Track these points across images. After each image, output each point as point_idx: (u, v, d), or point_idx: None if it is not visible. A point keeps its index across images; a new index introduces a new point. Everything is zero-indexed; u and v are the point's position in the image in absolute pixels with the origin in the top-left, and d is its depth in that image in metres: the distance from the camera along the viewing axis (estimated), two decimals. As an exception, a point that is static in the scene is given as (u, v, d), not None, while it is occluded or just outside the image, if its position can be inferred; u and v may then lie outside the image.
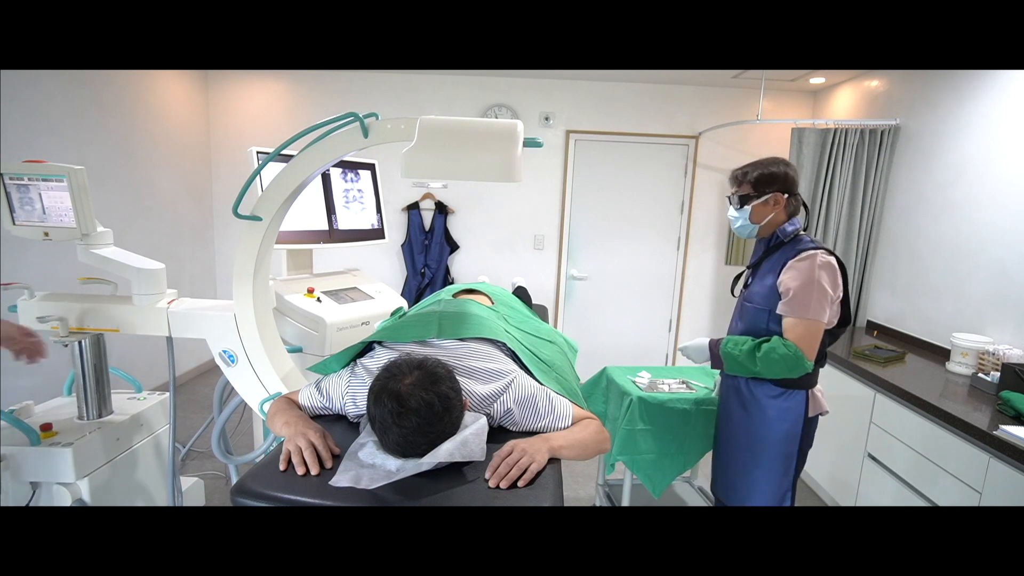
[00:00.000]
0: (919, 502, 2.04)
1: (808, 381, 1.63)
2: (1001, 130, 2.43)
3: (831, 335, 1.65)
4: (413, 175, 1.24)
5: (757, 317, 1.64)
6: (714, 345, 1.69)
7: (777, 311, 1.58)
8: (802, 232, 1.65)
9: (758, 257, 1.72)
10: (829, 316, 1.55)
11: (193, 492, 2.32)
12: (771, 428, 1.65)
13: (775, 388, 1.64)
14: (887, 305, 3.14)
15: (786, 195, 1.62)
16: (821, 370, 1.68)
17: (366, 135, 1.33)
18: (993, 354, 2.22)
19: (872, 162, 3.15)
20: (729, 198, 1.71)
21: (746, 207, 1.65)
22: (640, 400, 2.02)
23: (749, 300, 1.68)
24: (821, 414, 1.68)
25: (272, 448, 1.59)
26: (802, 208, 1.69)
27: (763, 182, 1.62)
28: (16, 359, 1.47)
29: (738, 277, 1.82)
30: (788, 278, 1.55)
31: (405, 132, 1.29)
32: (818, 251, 1.55)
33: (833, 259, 1.56)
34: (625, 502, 2.24)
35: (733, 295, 1.83)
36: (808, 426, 1.67)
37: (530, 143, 1.37)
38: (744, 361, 1.59)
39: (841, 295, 1.59)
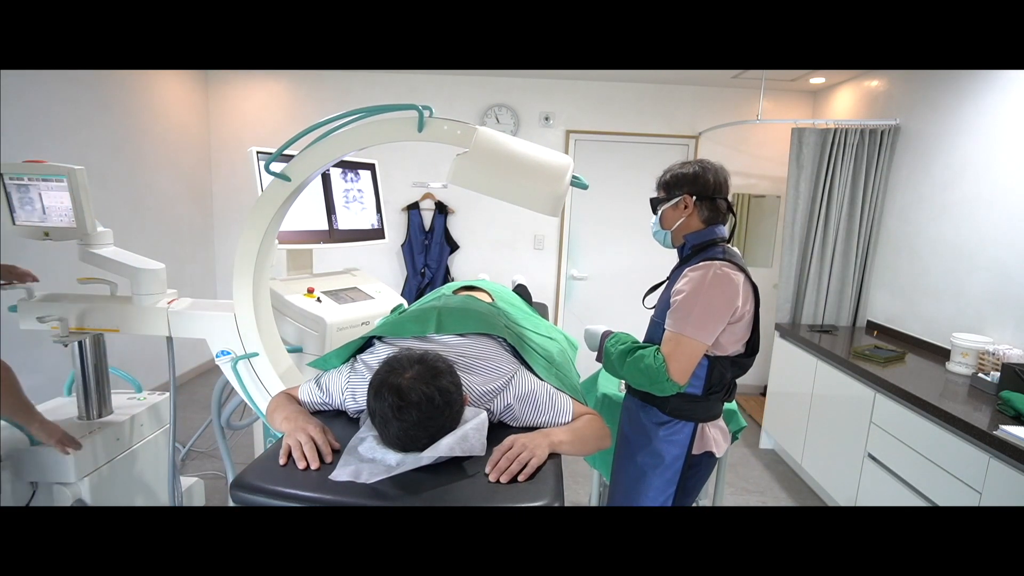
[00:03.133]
0: (919, 502, 2.04)
1: (698, 413, 1.47)
2: (1001, 130, 2.43)
3: (736, 364, 1.45)
4: (459, 182, 1.22)
5: (655, 331, 1.49)
6: (604, 337, 1.53)
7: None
8: (722, 242, 1.46)
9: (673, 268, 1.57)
10: (722, 337, 1.39)
11: (193, 492, 2.32)
12: (651, 457, 1.51)
13: (662, 415, 1.49)
14: (887, 305, 3.14)
15: (695, 197, 1.46)
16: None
17: (421, 130, 1.30)
18: (993, 354, 2.22)
19: (872, 162, 3.15)
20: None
21: (658, 212, 1.52)
22: (604, 398, 2.02)
23: (655, 312, 1.54)
24: (708, 453, 1.51)
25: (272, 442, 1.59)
26: (729, 215, 1.50)
27: (672, 184, 1.49)
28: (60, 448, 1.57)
29: (653, 288, 1.65)
30: (677, 288, 1.39)
31: (460, 137, 1.28)
32: (717, 263, 1.37)
33: (737, 274, 1.37)
34: (594, 501, 2.24)
35: (645, 306, 1.63)
36: (692, 464, 1.50)
37: (576, 183, 1.36)
38: (615, 361, 1.46)
39: (745, 317, 1.41)
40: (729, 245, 1.49)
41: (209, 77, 4.15)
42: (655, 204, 1.55)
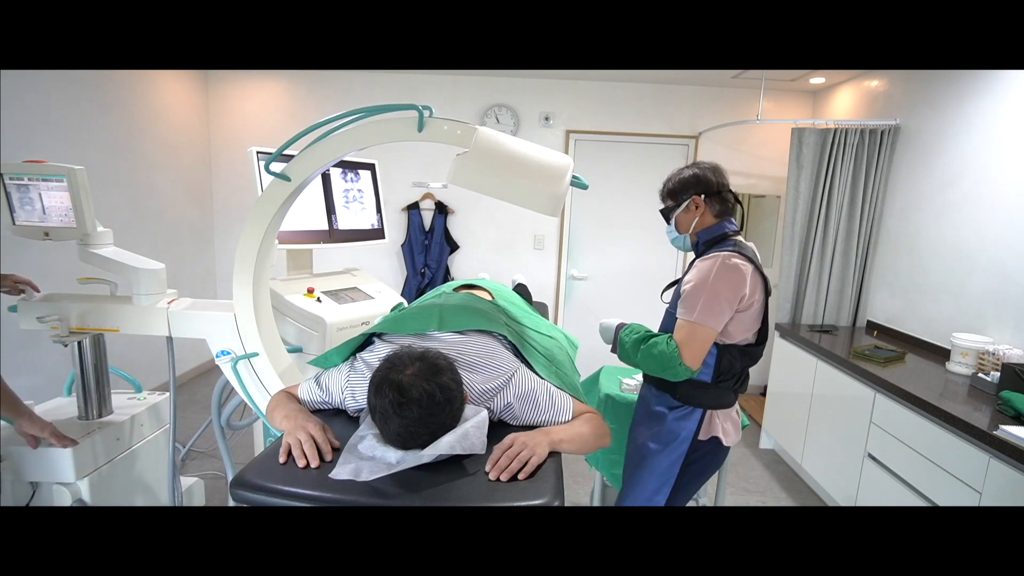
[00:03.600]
0: (919, 502, 2.04)
1: (707, 400, 1.53)
2: (1001, 130, 2.43)
3: (745, 353, 1.51)
4: (459, 182, 1.22)
5: (669, 321, 1.57)
6: (619, 328, 1.60)
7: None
8: (733, 235, 1.54)
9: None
10: (730, 326, 1.46)
11: (193, 492, 2.32)
12: (659, 439, 1.58)
13: (673, 400, 1.56)
14: (887, 305, 3.14)
15: (703, 196, 1.54)
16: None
17: (421, 130, 1.30)
18: (993, 354, 2.22)
19: (872, 162, 3.15)
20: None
21: (672, 220, 1.61)
22: (607, 398, 2.02)
23: (670, 304, 1.62)
24: (715, 440, 1.56)
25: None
26: (737, 206, 1.60)
27: (678, 190, 1.58)
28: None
29: (671, 285, 1.71)
30: (687, 278, 1.48)
31: (460, 137, 1.28)
32: (725, 253, 1.45)
33: (744, 264, 1.44)
34: (595, 501, 2.23)
35: (662, 301, 1.70)
36: (698, 448, 1.55)
37: (576, 183, 1.38)
38: (629, 350, 1.53)
39: (753, 306, 1.47)
40: (741, 239, 1.55)
41: (209, 77, 4.15)
42: (667, 213, 1.62)
